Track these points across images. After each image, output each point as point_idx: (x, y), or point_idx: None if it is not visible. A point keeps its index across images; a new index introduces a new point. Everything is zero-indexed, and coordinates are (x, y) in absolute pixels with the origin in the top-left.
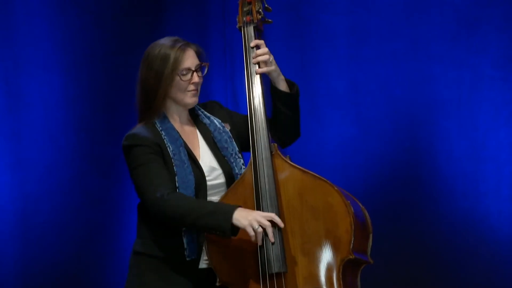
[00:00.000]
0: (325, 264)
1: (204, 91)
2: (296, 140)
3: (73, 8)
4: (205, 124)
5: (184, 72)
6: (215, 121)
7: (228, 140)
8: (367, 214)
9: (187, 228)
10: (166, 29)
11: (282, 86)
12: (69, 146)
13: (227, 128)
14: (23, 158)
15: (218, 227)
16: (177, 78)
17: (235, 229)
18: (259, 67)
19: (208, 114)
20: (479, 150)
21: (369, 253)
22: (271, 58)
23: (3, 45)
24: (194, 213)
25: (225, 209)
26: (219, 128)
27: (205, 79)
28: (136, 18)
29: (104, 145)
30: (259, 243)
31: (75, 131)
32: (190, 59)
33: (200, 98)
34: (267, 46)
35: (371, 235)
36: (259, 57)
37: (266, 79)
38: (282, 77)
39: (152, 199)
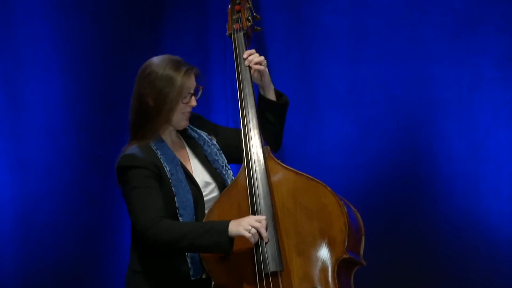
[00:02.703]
0: (320, 264)
1: (204, 91)
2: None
3: (72, 8)
4: (193, 138)
5: (186, 96)
6: (203, 134)
7: (218, 152)
8: (359, 216)
9: (182, 251)
10: (166, 29)
11: (272, 95)
12: (69, 146)
13: (214, 140)
14: (23, 158)
15: (215, 243)
16: (180, 101)
17: (232, 243)
18: (252, 71)
19: (195, 128)
20: (479, 150)
21: (362, 255)
22: (265, 62)
23: (3, 45)
24: (190, 235)
25: (219, 226)
26: (208, 141)
27: (205, 79)
28: (136, 18)
29: (104, 145)
30: (255, 242)
31: (75, 131)
32: (193, 84)
33: (200, 98)
34: (265, 47)
35: (363, 238)
36: (255, 58)
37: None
38: (272, 86)
39: (143, 225)
